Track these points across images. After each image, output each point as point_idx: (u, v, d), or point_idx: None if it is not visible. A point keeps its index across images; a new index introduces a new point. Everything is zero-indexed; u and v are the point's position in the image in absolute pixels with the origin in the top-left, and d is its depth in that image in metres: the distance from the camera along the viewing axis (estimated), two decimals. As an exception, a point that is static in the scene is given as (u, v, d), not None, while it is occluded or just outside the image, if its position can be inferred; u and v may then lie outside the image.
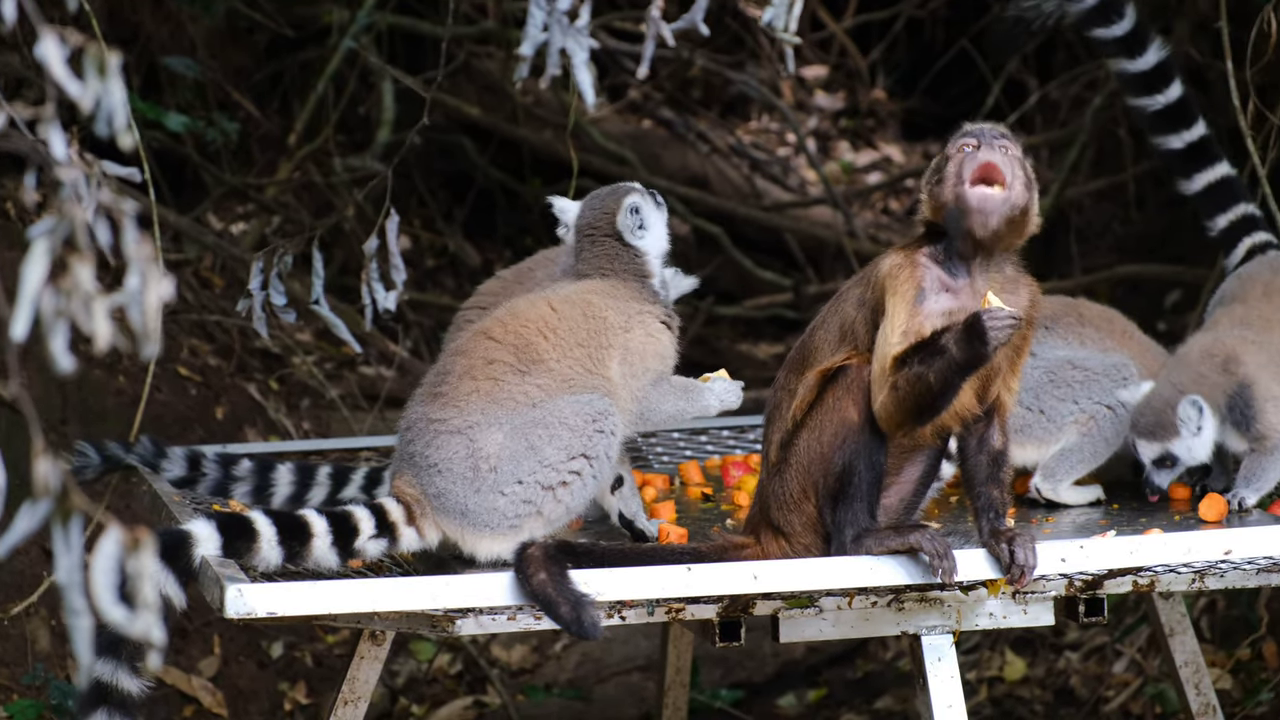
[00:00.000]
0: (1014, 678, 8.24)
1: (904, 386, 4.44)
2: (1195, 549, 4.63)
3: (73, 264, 2.80)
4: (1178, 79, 5.81)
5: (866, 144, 13.41)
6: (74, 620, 2.80)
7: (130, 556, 2.79)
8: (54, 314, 2.80)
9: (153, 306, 2.83)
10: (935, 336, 4.42)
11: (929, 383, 4.41)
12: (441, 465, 4.77)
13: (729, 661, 8.46)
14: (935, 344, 4.41)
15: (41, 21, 2.84)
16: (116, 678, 4.32)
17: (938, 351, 4.40)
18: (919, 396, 4.44)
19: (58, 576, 2.81)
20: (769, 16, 4.13)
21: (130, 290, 2.83)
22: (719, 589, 4.45)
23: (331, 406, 8.92)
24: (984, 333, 4.35)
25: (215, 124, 9.23)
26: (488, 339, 4.92)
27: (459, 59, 10.59)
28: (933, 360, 4.40)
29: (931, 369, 4.40)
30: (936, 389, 4.42)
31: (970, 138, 4.58)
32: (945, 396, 4.47)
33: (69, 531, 2.81)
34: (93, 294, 2.80)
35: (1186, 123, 5.86)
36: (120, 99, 2.91)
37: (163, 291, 2.83)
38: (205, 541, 4.46)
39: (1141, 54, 5.77)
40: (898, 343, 4.47)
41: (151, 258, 2.81)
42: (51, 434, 7.43)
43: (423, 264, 11.09)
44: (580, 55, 4.19)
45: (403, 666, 8.29)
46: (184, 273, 9.09)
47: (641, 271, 5.15)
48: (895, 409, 4.49)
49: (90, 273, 2.81)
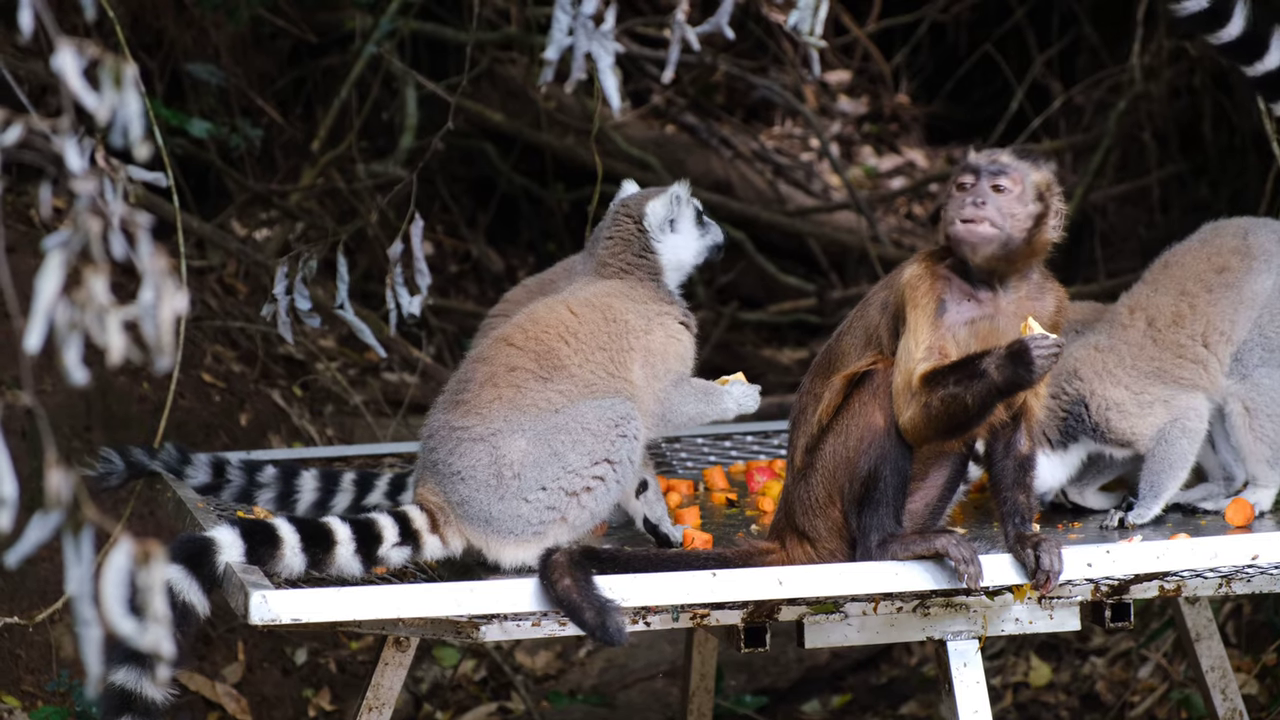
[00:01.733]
0: (1039, 683, 8.22)
1: (937, 406, 4.44)
2: (1222, 554, 4.61)
3: (87, 276, 2.79)
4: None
5: (890, 149, 13.39)
6: (84, 630, 2.80)
7: (141, 569, 2.79)
8: (68, 326, 2.80)
9: (166, 320, 2.82)
10: (974, 359, 4.41)
11: (965, 404, 4.41)
12: (465, 473, 4.77)
13: (753, 667, 8.45)
14: (975, 367, 4.40)
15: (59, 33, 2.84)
16: (140, 685, 4.32)
17: (977, 374, 4.39)
18: (953, 416, 4.44)
19: (68, 587, 2.81)
20: (794, 20, 4.12)
21: (144, 303, 2.82)
22: (744, 594, 4.44)
23: (355, 413, 8.92)
24: (1030, 361, 4.35)
25: (239, 130, 9.24)
26: (509, 346, 4.91)
27: (482, 65, 10.60)
28: (971, 382, 4.40)
29: (969, 390, 4.40)
30: (974, 410, 4.43)
31: (968, 173, 4.57)
32: (981, 417, 4.48)
33: (80, 542, 2.81)
34: (107, 306, 2.79)
35: None
36: (136, 109, 2.90)
37: (177, 305, 2.82)
38: (229, 548, 4.46)
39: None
40: (923, 359, 4.46)
41: (166, 271, 2.81)
42: (76, 440, 7.44)
43: (446, 270, 11.09)
44: (605, 60, 4.18)
45: (427, 672, 8.29)
46: (207, 279, 9.10)
47: (652, 268, 5.13)
48: (925, 425, 4.49)
49: (104, 285, 2.80)
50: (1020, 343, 4.38)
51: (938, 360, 4.46)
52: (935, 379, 4.44)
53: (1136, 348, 5.31)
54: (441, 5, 10.64)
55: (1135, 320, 5.36)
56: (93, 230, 2.78)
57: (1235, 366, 5.31)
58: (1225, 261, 5.36)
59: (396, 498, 5.55)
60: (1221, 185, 9.76)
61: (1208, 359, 5.30)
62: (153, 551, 2.78)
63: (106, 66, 2.85)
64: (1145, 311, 5.36)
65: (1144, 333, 5.33)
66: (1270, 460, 5.30)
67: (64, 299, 2.80)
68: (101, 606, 2.78)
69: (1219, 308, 5.31)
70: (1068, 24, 11.89)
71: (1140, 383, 5.28)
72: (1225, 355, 5.31)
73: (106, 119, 2.89)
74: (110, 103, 2.87)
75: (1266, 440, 5.29)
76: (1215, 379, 5.30)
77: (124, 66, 2.86)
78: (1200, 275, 5.36)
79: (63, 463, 2.75)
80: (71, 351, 2.79)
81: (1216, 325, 5.30)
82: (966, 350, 4.50)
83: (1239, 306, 5.31)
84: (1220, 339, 5.29)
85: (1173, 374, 5.29)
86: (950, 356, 4.47)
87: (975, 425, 4.52)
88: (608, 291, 5.07)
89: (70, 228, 2.81)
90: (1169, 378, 5.28)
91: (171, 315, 2.82)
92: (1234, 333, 5.30)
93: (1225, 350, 5.30)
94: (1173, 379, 5.29)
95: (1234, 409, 5.31)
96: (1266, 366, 5.30)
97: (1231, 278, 5.33)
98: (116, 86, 2.87)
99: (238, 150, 9.35)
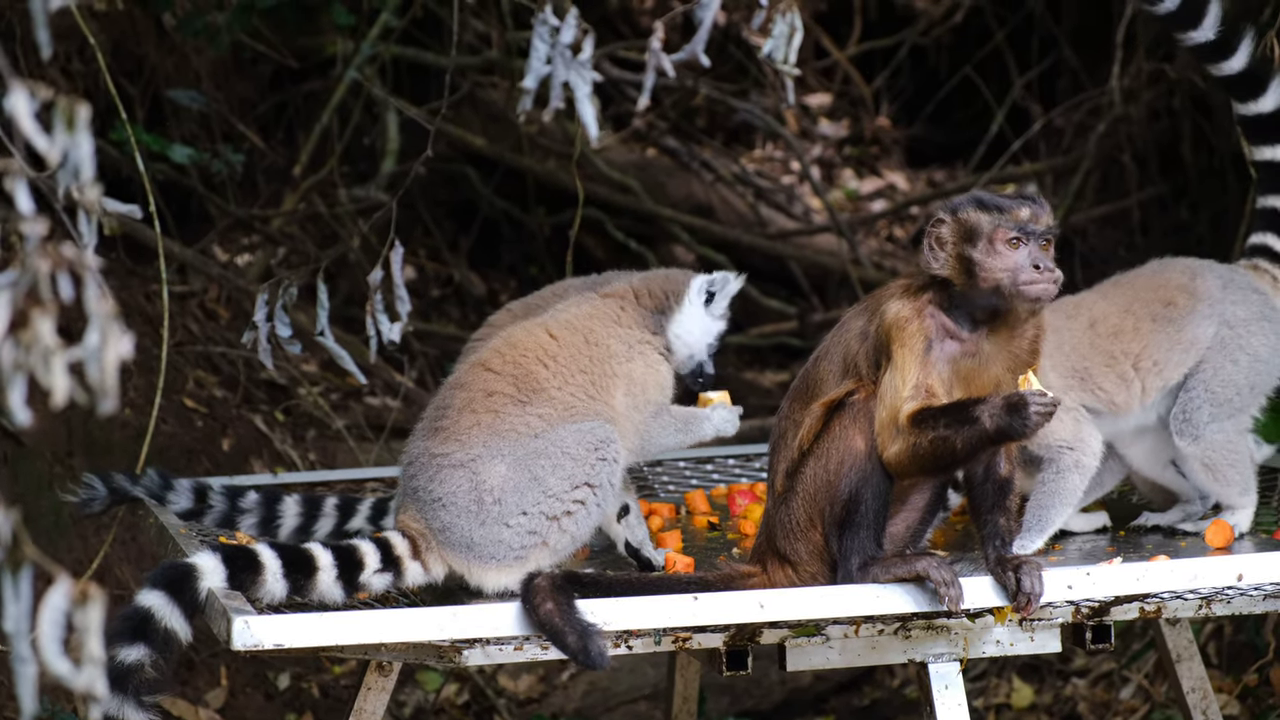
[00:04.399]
0: (1021, 705, 8.23)
1: (926, 447, 4.43)
2: (1202, 575, 4.62)
3: (34, 317, 2.79)
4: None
5: (871, 171, 13.42)
6: (19, 668, 2.80)
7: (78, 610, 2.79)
8: (13, 366, 2.79)
9: (111, 363, 2.82)
10: (968, 406, 4.40)
11: (954, 447, 4.41)
12: (445, 500, 4.78)
13: (736, 690, 8.45)
14: (968, 413, 4.39)
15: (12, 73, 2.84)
16: (123, 711, 4.32)
17: (969, 421, 4.39)
18: (940, 457, 4.45)
19: (5, 625, 2.80)
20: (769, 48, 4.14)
21: (89, 347, 2.82)
22: (726, 618, 4.45)
23: (337, 437, 8.92)
24: (1026, 416, 4.35)
25: (220, 155, 9.25)
26: (486, 370, 4.92)
27: (463, 89, 10.62)
28: (962, 428, 4.39)
29: (959, 435, 4.40)
30: (961, 454, 4.43)
31: (1018, 233, 4.53)
32: (967, 461, 4.49)
33: (19, 581, 2.81)
34: (52, 348, 2.78)
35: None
36: (87, 151, 2.90)
37: (121, 349, 2.82)
38: (210, 574, 4.46)
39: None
40: (910, 397, 4.46)
41: (112, 314, 2.81)
42: (58, 466, 7.44)
43: (428, 294, 11.10)
44: (583, 89, 4.20)
45: (410, 697, 8.28)
46: (189, 304, 9.10)
47: (660, 306, 5.17)
48: (911, 463, 4.49)
49: (51, 326, 2.80)
50: (1019, 395, 4.37)
51: (925, 400, 4.45)
52: (925, 420, 4.44)
53: (1072, 342, 5.32)
54: (423, 30, 10.66)
55: (1078, 317, 5.37)
56: (41, 270, 2.78)
57: (1186, 428, 5.30)
58: (1171, 296, 5.37)
59: (379, 522, 5.55)
60: (1201, 207, 9.79)
61: (1132, 381, 5.30)
62: (90, 592, 2.77)
63: (60, 108, 2.85)
64: (1090, 313, 5.38)
65: (1083, 332, 5.34)
66: (1241, 489, 5.32)
67: (10, 339, 2.79)
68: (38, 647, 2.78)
69: (1157, 339, 5.32)
70: (1047, 47, 11.93)
71: (1064, 379, 5.28)
72: (1151, 387, 5.30)
73: (58, 160, 2.89)
74: (62, 144, 2.87)
75: (1234, 481, 5.31)
76: (1130, 403, 5.30)
77: (78, 107, 2.86)
78: (1147, 302, 5.37)
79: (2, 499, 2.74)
80: (15, 393, 2.79)
81: (1151, 353, 5.31)
82: (949, 387, 4.50)
83: (1175, 346, 5.32)
84: (1151, 368, 5.30)
85: (1095, 381, 5.29)
86: (937, 395, 4.47)
87: (960, 467, 4.54)
88: (590, 314, 5.08)
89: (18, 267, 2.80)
90: (1089, 385, 5.29)
91: (116, 358, 2.81)
92: (1165, 369, 5.31)
93: (1152, 381, 5.30)
94: (1092, 387, 5.29)
95: (1194, 468, 5.32)
96: (1217, 422, 5.31)
97: (1175, 313, 5.35)
98: (69, 128, 2.87)
99: (219, 175, 9.35)
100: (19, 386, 2.81)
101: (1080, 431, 5.25)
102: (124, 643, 4.33)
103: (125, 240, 8.53)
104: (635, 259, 10.90)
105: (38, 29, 2.94)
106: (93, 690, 2.81)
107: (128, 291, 8.46)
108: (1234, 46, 5.49)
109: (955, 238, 4.54)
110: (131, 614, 4.38)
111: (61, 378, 2.79)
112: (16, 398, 2.80)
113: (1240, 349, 5.34)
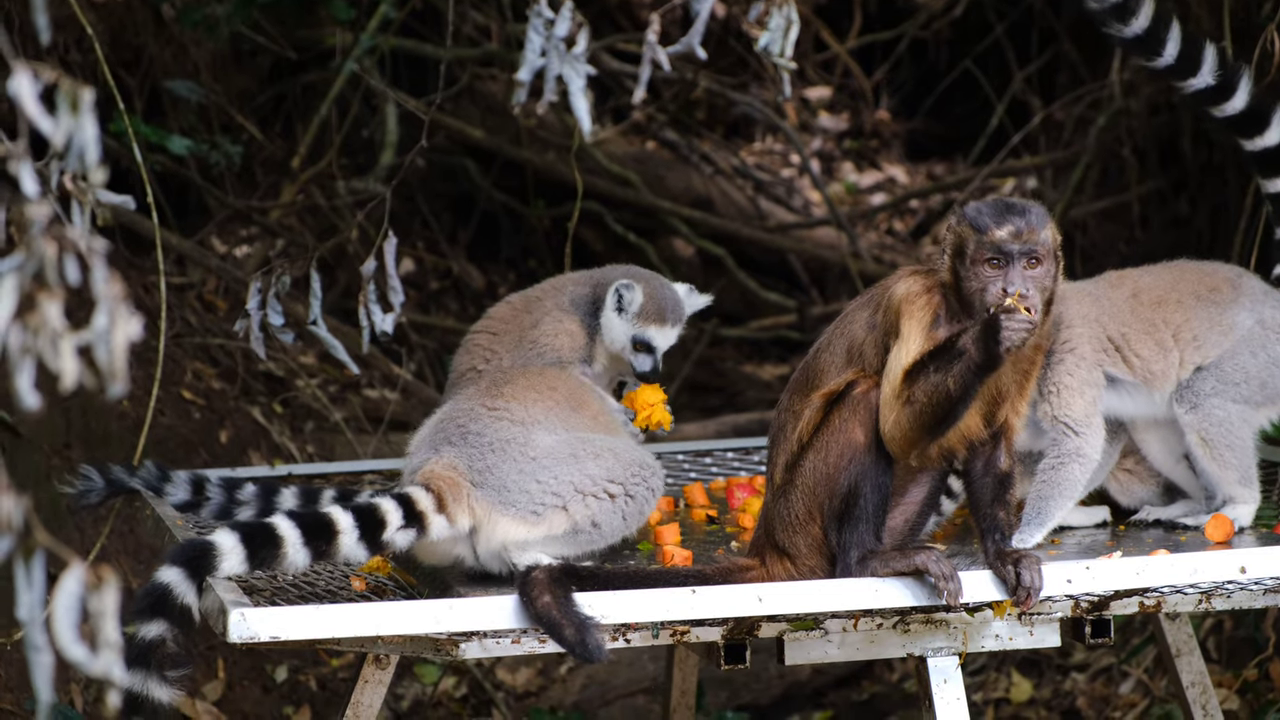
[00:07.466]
0: (1020, 699, 8.22)
1: (920, 398, 4.43)
2: (1201, 570, 4.61)
3: (41, 301, 2.77)
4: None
5: (870, 165, 13.41)
6: (34, 656, 2.78)
7: (92, 595, 2.77)
8: (21, 351, 2.78)
9: (120, 346, 2.80)
10: (952, 339, 4.42)
11: (948, 390, 4.40)
12: (496, 444, 4.87)
13: (734, 684, 8.45)
14: (952, 348, 4.41)
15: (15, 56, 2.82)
16: (147, 687, 4.31)
17: (955, 355, 4.40)
18: (938, 406, 4.43)
19: (19, 613, 2.79)
20: (764, 42, 4.13)
21: (98, 329, 2.81)
22: (724, 611, 4.44)
23: (335, 430, 8.91)
24: (1003, 328, 4.35)
25: (219, 147, 9.23)
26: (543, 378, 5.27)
27: (462, 81, 10.60)
28: (950, 365, 4.40)
29: (949, 374, 4.40)
30: (956, 395, 4.41)
31: (995, 254, 4.51)
32: (964, 402, 4.45)
33: (31, 568, 2.79)
34: (60, 332, 2.77)
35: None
36: (92, 135, 2.88)
37: (130, 331, 2.80)
38: (229, 553, 4.42)
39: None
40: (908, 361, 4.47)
41: (120, 296, 2.79)
42: (55, 458, 7.43)
43: (427, 286, 11.09)
44: (577, 82, 4.19)
45: (407, 690, 8.27)
46: (187, 296, 9.09)
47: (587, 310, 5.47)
48: (910, 424, 4.48)
49: (58, 310, 2.78)
50: (993, 315, 4.38)
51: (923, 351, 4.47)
52: (916, 369, 4.45)
53: (1112, 310, 5.33)
54: (422, 22, 10.64)
55: (1121, 287, 5.40)
56: (47, 255, 2.76)
57: (1186, 394, 5.31)
58: (1218, 284, 5.41)
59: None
60: (1201, 201, 9.78)
61: (1171, 351, 5.31)
62: (105, 577, 2.76)
63: (63, 91, 2.84)
64: (1135, 284, 5.40)
65: (1125, 300, 5.36)
66: (1241, 480, 5.31)
67: (17, 323, 2.78)
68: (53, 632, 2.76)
69: (1200, 315, 5.34)
70: (1047, 40, 11.92)
71: (1098, 351, 5.28)
72: (1189, 360, 5.32)
73: (62, 144, 2.87)
74: (66, 128, 2.86)
75: (1232, 465, 5.30)
76: (1166, 374, 5.31)
77: (81, 91, 2.84)
78: (1192, 284, 5.41)
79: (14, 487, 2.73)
80: (24, 377, 2.78)
81: (1193, 327, 5.32)
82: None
83: (1215, 326, 5.33)
84: (1190, 341, 5.31)
85: (1132, 348, 5.30)
86: (935, 363, 4.49)
87: (959, 414, 4.47)
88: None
89: (24, 252, 2.79)
90: (1127, 352, 5.29)
91: (125, 341, 2.79)
92: (1204, 346, 5.33)
93: (1190, 355, 5.32)
94: (1129, 354, 5.29)
95: (1192, 440, 5.32)
96: (1219, 397, 5.30)
97: (1219, 298, 5.37)
98: (74, 112, 2.86)
99: (218, 167, 9.34)
100: (27, 371, 2.79)
101: (1091, 417, 5.25)
102: (143, 619, 4.32)
103: (123, 231, 8.52)
104: (634, 252, 10.89)
105: (36, 14, 2.92)
106: (110, 675, 2.80)
107: (125, 283, 8.44)
108: (1234, 87, 5.54)
109: (951, 246, 4.56)
110: (150, 590, 4.36)
111: (70, 361, 2.78)
112: (25, 382, 2.79)
113: (1264, 348, 5.35)
